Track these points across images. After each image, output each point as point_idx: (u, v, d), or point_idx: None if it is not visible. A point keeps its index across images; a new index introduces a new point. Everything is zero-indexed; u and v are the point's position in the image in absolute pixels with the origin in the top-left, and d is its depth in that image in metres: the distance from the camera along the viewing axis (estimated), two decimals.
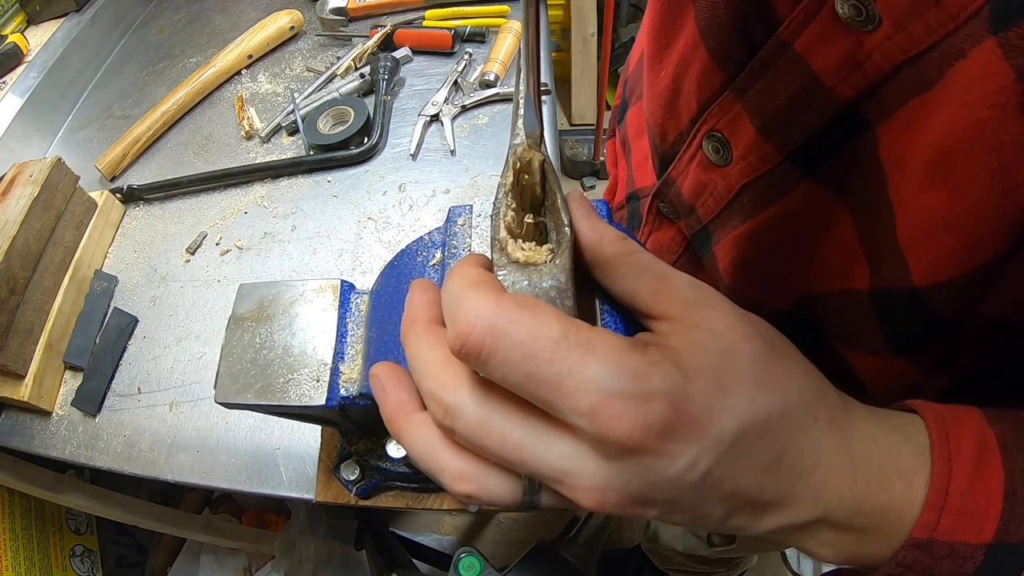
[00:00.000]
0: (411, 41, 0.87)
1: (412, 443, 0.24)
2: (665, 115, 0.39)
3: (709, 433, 0.20)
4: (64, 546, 0.87)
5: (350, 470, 0.46)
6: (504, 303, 0.20)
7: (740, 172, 0.33)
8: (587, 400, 0.19)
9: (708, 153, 0.35)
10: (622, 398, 0.19)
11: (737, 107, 0.31)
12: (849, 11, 0.24)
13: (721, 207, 0.36)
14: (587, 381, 0.19)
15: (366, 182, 0.76)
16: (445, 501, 0.48)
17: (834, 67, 0.26)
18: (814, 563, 1.17)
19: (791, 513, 0.22)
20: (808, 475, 0.22)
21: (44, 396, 0.64)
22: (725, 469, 0.20)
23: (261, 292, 0.36)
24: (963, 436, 0.23)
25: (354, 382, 0.33)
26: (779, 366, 0.22)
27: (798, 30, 0.26)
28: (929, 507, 0.22)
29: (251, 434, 0.60)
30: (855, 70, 0.25)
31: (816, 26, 0.26)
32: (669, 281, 0.23)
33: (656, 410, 0.19)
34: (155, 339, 0.68)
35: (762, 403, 0.20)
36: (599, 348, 0.19)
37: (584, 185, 1.92)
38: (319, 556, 0.86)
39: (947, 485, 0.22)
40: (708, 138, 0.34)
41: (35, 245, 0.65)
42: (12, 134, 0.85)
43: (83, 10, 0.99)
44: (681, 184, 0.39)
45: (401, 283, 0.32)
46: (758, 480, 0.21)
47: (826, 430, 0.22)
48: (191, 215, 0.78)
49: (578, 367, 0.19)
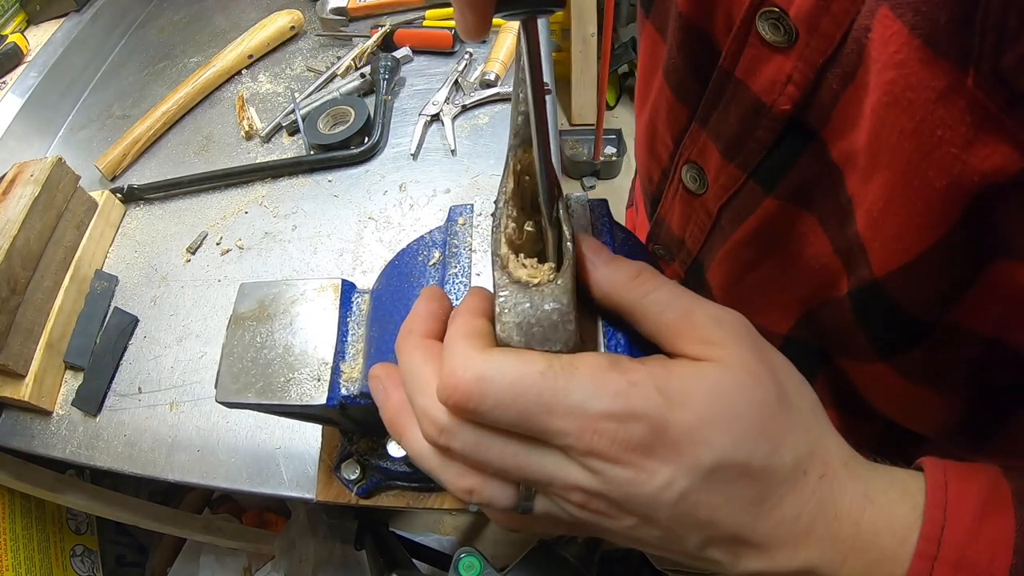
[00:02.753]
0: (411, 41, 0.87)
1: (412, 444, 0.24)
2: (648, 157, 0.42)
3: (685, 458, 0.20)
4: (64, 546, 0.87)
5: (351, 469, 0.46)
6: (492, 353, 0.21)
7: (715, 196, 0.35)
8: (573, 424, 0.20)
9: (687, 183, 0.37)
10: (603, 418, 0.20)
11: (703, 136, 0.34)
12: (770, 31, 0.26)
13: (706, 234, 0.38)
14: (572, 406, 0.20)
15: (367, 182, 0.76)
16: (446, 501, 0.48)
17: (769, 86, 0.28)
18: None
19: (770, 559, 0.22)
20: (788, 524, 0.22)
21: (44, 396, 0.64)
22: (701, 497, 0.21)
23: (262, 291, 0.36)
24: (967, 488, 0.22)
25: (355, 381, 0.33)
26: (779, 418, 0.22)
27: (735, 59, 0.29)
28: (919, 556, 0.21)
29: (252, 434, 0.60)
30: (787, 84, 0.27)
31: (748, 52, 0.28)
32: (692, 319, 0.23)
33: (634, 429, 0.20)
34: (156, 339, 0.68)
35: (746, 448, 0.21)
36: (580, 370, 0.21)
37: (584, 185, 1.92)
38: (319, 556, 0.86)
39: (940, 534, 0.21)
40: (687, 169, 0.36)
41: (36, 245, 0.65)
42: (12, 134, 0.85)
43: (83, 10, 0.99)
44: (670, 221, 0.42)
45: (402, 283, 0.32)
46: (735, 517, 0.21)
47: (815, 485, 0.22)
48: (191, 215, 0.78)
49: (564, 393, 0.20)
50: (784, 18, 0.25)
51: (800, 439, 0.22)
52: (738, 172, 0.32)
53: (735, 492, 0.21)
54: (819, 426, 0.23)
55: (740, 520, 0.21)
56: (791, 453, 0.22)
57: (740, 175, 0.32)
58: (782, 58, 0.26)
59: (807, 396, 0.24)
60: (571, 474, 0.21)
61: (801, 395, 0.23)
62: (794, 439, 0.22)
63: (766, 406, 0.22)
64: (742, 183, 0.33)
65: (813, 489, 0.22)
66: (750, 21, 0.27)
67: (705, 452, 0.20)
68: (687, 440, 0.20)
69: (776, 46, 0.26)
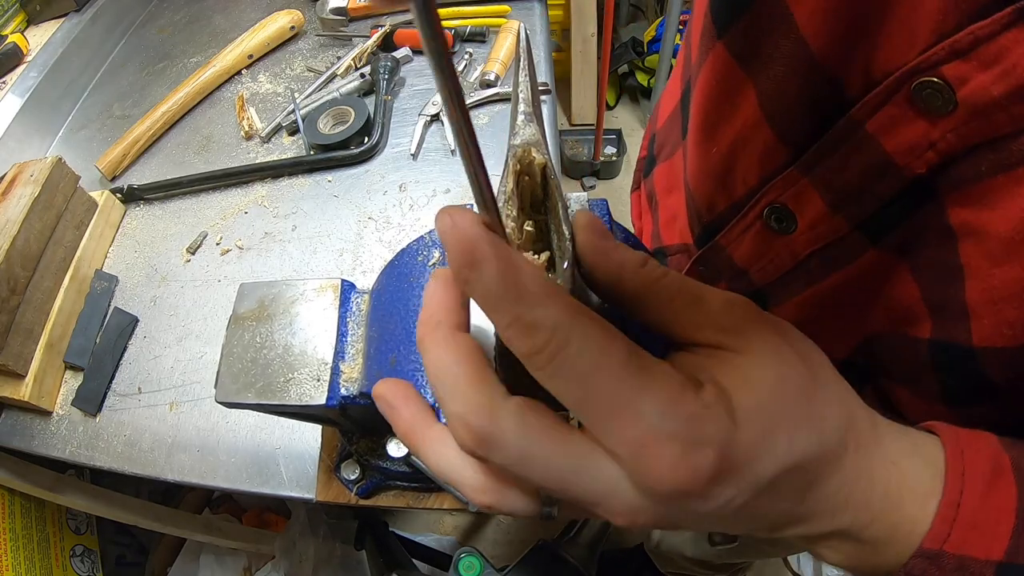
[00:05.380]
0: (411, 41, 0.87)
1: (431, 458, 0.23)
2: (715, 188, 0.40)
3: (748, 477, 0.20)
4: (64, 546, 0.87)
5: (351, 469, 0.46)
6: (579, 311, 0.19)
7: (808, 241, 0.34)
8: (636, 433, 0.18)
9: (770, 223, 0.35)
10: (672, 440, 0.18)
11: (803, 181, 0.32)
12: (925, 99, 0.24)
13: (782, 272, 0.37)
14: (640, 414, 0.18)
15: (366, 182, 0.76)
16: (445, 501, 0.48)
17: (906, 149, 0.26)
18: (814, 564, 1.17)
19: (807, 527, 0.22)
20: (830, 498, 0.22)
21: (44, 396, 0.64)
22: (757, 504, 0.20)
23: (262, 291, 0.36)
24: (978, 455, 0.23)
25: (355, 381, 0.33)
26: (818, 398, 0.22)
27: (871, 112, 0.27)
28: (940, 519, 0.22)
29: (252, 434, 0.60)
30: (927, 150, 0.25)
31: (890, 109, 0.26)
32: (705, 306, 0.22)
33: (705, 458, 0.19)
34: (155, 339, 0.68)
35: (802, 444, 0.21)
36: (658, 380, 0.19)
37: (584, 185, 1.92)
38: (319, 556, 0.86)
39: (959, 498, 0.22)
40: (770, 209, 0.35)
41: (36, 245, 0.65)
42: (12, 134, 0.85)
43: (83, 10, 0.99)
44: (732, 251, 0.40)
45: (402, 283, 0.32)
46: (783, 508, 0.21)
47: (853, 458, 0.22)
48: (191, 215, 0.78)
49: (637, 394, 0.19)
50: (948, 91, 0.24)
51: (839, 414, 0.22)
52: (844, 223, 0.31)
53: (787, 490, 0.21)
54: (848, 394, 0.23)
55: (786, 508, 0.22)
56: (835, 433, 0.22)
57: (845, 226, 0.31)
58: (928, 125, 0.25)
59: (826, 363, 0.23)
60: (621, 496, 0.20)
61: (823, 364, 0.23)
62: (834, 416, 0.22)
63: (805, 392, 0.21)
64: (846, 234, 0.31)
65: (852, 462, 0.22)
66: (903, 82, 0.25)
67: (765, 467, 0.20)
68: (749, 459, 0.20)
69: (923, 111, 0.25)
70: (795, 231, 0.34)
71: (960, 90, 0.23)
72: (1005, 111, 0.22)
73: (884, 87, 0.26)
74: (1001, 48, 0.22)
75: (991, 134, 0.23)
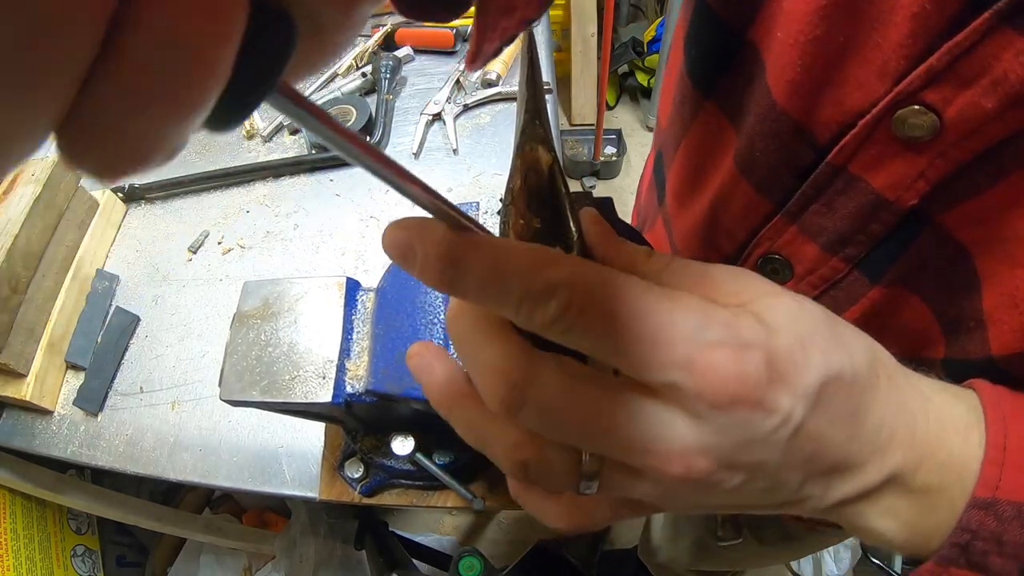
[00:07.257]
0: (413, 40, 0.87)
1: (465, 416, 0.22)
2: (702, 246, 0.40)
3: (796, 385, 0.19)
4: (65, 546, 0.86)
5: (354, 468, 0.46)
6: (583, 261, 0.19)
7: (810, 285, 0.33)
8: (683, 351, 0.18)
9: (766, 274, 0.35)
10: (718, 347, 0.18)
11: (791, 229, 0.32)
12: (907, 128, 0.24)
13: None
14: (681, 332, 0.18)
15: (368, 181, 0.76)
16: (449, 499, 0.48)
17: (896, 182, 0.26)
18: (814, 564, 1.17)
19: (860, 478, 0.21)
20: (875, 434, 0.21)
21: (46, 395, 0.64)
22: (811, 424, 0.19)
23: (266, 289, 0.36)
24: (1018, 399, 0.22)
25: (360, 379, 0.33)
26: (840, 327, 0.21)
27: (851, 154, 0.27)
28: (989, 462, 0.21)
29: (254, 433, 0.60)
30: (918, 179, 0.25)
31: (872, 148, 0.26)
32: (711, 280, 0.21)
33: (752, 360, 0.18)
34: (157, 338, 0.68)
35: (836, 359, 0.20)
36: (683, 299, 0.19)
37: (584, 185, 1.92)
38: (319, 556, 0.86)
39: (1004, 440, 0.21)
40: (764, 260, 0.34)
41: (37, 244, 0.65)
42: None
43: None
44: None
45: (408, 281, 0.32)
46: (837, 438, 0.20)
47: (887, 388, 0.21)
48: (193, 214, 0.78)
49: (669, 316, 0.18)
50: (931, 117, 0.23)
51: (864, 344, 0.22)
52: (841, 264, 0.31)
53: (837, 409, 0.20)
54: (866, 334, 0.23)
55: (839, 441, 0.20)
56: (863, 357, 0.21)
57: (843, 267, 0.31)
58: (914, 155, 0.25)
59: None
60: (676, 431, 0.18)
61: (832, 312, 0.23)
62: (860, 345, 0.21)
63: (826, 319, 0.21)
64: (845, 274, 0.31)
65: (887, 392, 0.21)
66: (881, 118, 0.25)
67: (810, 373, 0.19)
68: (792, 365, 0.19)
69: (908, 143, 0.25)
70: (791, 279, 0.34)
71: (946, 112, 0.23)
72: (1000, 120, 0.22)
73: (863, 126, 0.25)
74: (985, 58, 0.21)
75: (982, 148, 0.23)
